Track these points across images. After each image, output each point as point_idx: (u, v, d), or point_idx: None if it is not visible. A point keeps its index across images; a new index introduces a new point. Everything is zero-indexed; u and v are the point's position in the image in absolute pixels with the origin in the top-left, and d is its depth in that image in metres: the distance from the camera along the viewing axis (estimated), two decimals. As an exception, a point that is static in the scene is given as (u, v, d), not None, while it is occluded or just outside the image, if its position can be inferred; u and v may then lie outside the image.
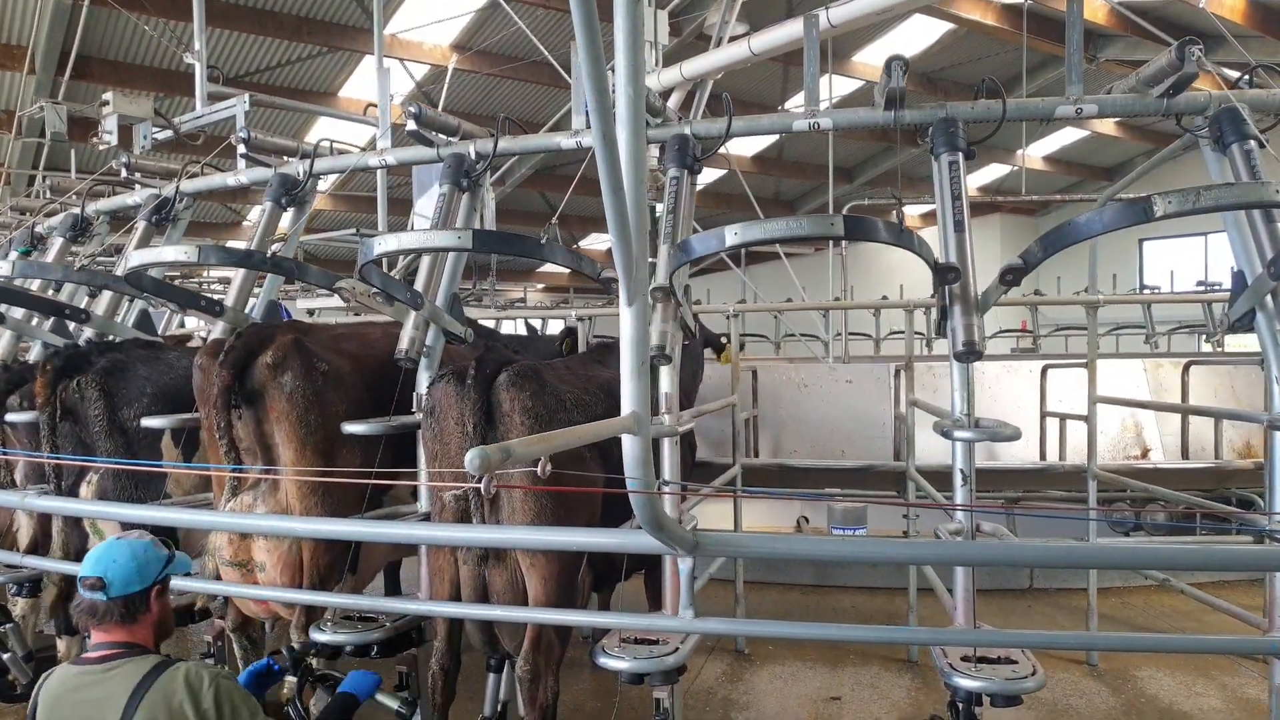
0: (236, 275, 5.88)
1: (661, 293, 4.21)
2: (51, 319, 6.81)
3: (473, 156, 5.41)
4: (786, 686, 6.12)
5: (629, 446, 2.93)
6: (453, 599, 4.40)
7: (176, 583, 4.14)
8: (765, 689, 6.09)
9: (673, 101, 9.94)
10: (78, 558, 5.74)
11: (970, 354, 4.07)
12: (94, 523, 5.60)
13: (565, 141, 5.38)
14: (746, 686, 6.12)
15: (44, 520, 5.99)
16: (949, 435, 3.98)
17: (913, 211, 26.53)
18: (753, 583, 7.06)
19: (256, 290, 6.25)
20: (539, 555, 4.15)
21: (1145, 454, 8.68)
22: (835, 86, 15.54)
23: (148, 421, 5.21)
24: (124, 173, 7.53)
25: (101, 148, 10.58)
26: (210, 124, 10.58)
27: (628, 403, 2.87)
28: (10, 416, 5.82)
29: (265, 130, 10.93)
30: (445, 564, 4.38)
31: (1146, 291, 22.35)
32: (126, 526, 4.88)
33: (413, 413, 4.90)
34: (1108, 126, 21.71)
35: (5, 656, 6.04)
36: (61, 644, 5.92)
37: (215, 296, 6.47)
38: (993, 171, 26.80)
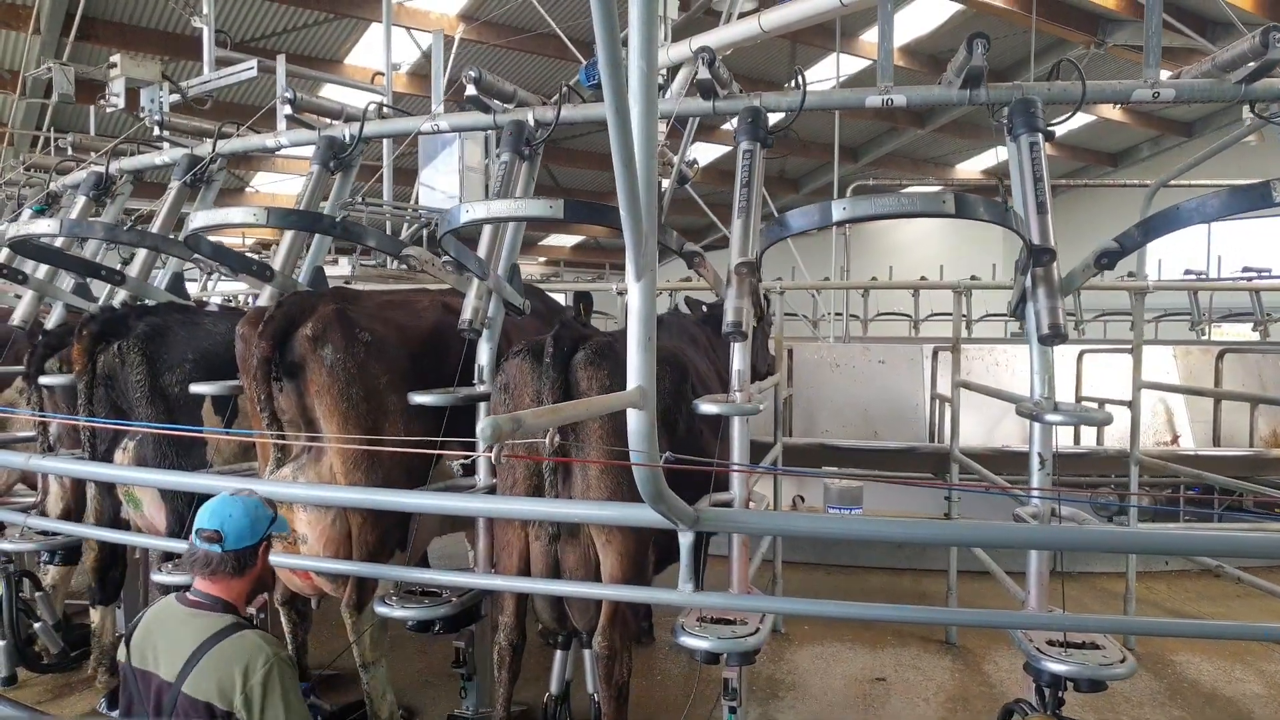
0: (284, 239, 5.73)
1: (746, 268, 4.12)
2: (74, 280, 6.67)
3: (532, 124, 5.31)
4: (829, 666, 6.10)
5: (633, 420, 2.87)
6: (521, 575, 4.31)
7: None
8: (808, 668, 6.06)
9: (681, 77, 9.80)
10: (111, 525, 5.65)
11: (1055, 337, 4.00)
12: (129, 491, 5.48)
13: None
14: (790, 666, 6.09)
15: (76, 488, 5.88)
16: (1037, 419, 3.89)
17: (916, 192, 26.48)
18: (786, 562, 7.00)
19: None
20: (615, 532, 4.08)
21: (1175, 440, 8.71)
22: (843, 65, 15.40)
23: (194, 388, 5.08)
24: (156, 130, 7.33)
25: (109, 110, 10.37)
26: (218, 89, 10.39)
27: (633, 376, 2.81)
28: (44, 379, 5.68)
29: (270, 96, 10.71)
30: (514, 539, 4.29)
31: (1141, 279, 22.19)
32: (188, 496, 4.76)
33: (473, 384, 4.80)
34: (1114, 112, 21.65)
35: (36, 625, 5.93)
36: (95, 614, 5.82)
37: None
38: (997, 155, 26.67)
